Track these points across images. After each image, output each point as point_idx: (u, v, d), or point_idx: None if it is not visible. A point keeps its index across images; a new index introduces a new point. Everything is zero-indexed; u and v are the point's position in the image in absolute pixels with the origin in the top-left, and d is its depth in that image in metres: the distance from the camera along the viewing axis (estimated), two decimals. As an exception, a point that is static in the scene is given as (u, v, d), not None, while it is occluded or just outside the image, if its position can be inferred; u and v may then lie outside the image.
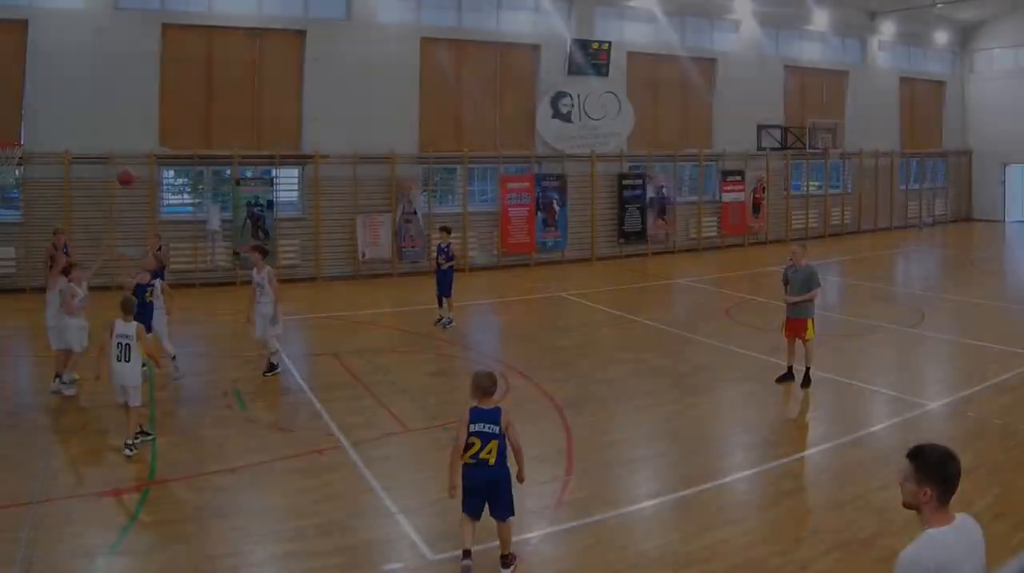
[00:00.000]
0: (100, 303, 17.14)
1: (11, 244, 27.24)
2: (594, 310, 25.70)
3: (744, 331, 22.19)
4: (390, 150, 31.90)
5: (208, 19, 29.84)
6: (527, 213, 34.63)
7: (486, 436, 9.27)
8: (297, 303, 26.73)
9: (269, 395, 16.69)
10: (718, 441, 14.20)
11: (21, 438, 13.84)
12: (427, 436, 14.07)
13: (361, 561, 9.83)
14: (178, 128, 29.56)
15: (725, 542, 10.13)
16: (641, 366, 18.73)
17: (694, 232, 39.44)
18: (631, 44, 37.68)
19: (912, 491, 5.29)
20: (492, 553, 9.66)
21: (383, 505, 11.26)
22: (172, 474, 12.34)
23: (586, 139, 36.22)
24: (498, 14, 34.99)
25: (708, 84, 40.06)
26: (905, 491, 5.36)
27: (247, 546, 10.21)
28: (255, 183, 30.49)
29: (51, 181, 27.46)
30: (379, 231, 31.87)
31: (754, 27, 40.98)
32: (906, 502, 5.41)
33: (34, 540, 10.02)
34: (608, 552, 10.00)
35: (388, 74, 32.20)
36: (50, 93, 27.42)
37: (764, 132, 41.05)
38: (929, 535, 5.21)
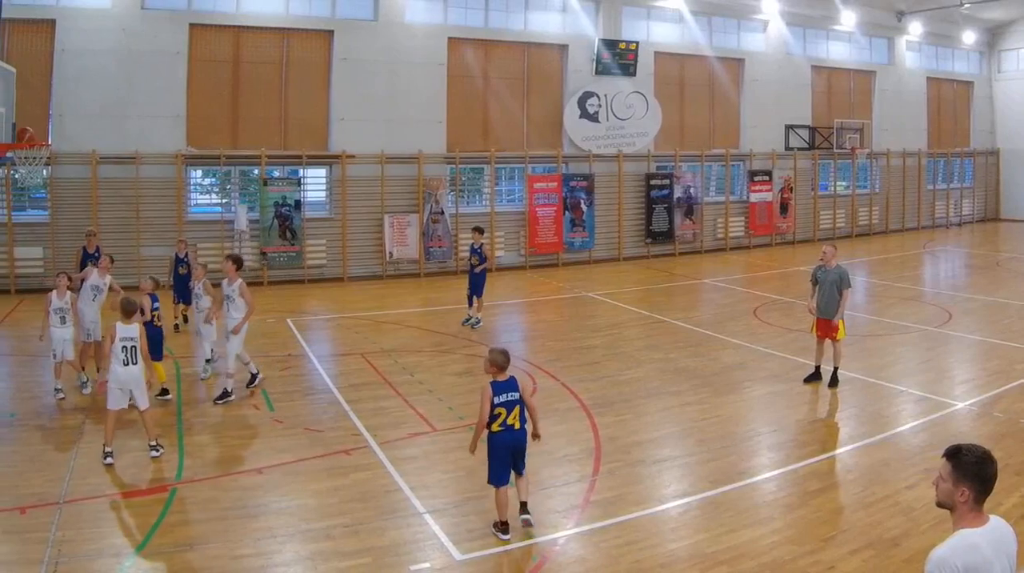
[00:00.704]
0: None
1: (39, 244, 26.69)
2: (621, 310, 25.10)
3: (771, 331, 21.72)
4: (418, 150, 31.24)
5: (236, 19, 29.23)
6: (554, 213, 33.86)
7: (510, 404, 10.08)
8: (324, 303, 26.59)
9: (296, 396, 16.30)
10: (745, 441, 13.84)
11: (49, 438, 13.63)
12: (454, 436, 13.75)
13: (388, 561, 9.64)
14: (205, 128, 28.97)
15: (752, 542, 9.95)
16: (668, 366, 18.34)
17: (721, 232, 38.58)
18: (658, 44, 36.87)
19: (948, 490, 5.20)
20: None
21: (410, 505, 11.06)
22: (199, 474, 12.12)
23: (613, 139, 35.43)
24: (526, 14, 34.20)
25: (735, 84, 39.18)
26: (941, 490, 5.27)
27: (274, 546, 10.03)
28: (283, 183, 29.85)
29: (78, 181, 26.94)
30: (406, 231, 31.16)
31: (781, 27, 39.99)
32: (940, 501, 5.31)
33: (61, 540, 9.89)
34: (636, 552, 9.80)
35: (416, 74, 31.57)
36: (77, 93, 26.93)
37: (792, 132, 40.29)
38: (962, 535, 5.12)
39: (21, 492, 11.21)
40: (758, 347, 19.81)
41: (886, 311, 24.15)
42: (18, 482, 11.60)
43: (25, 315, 23.42)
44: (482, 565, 9.54)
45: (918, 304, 25.44)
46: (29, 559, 9.41)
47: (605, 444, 13.36)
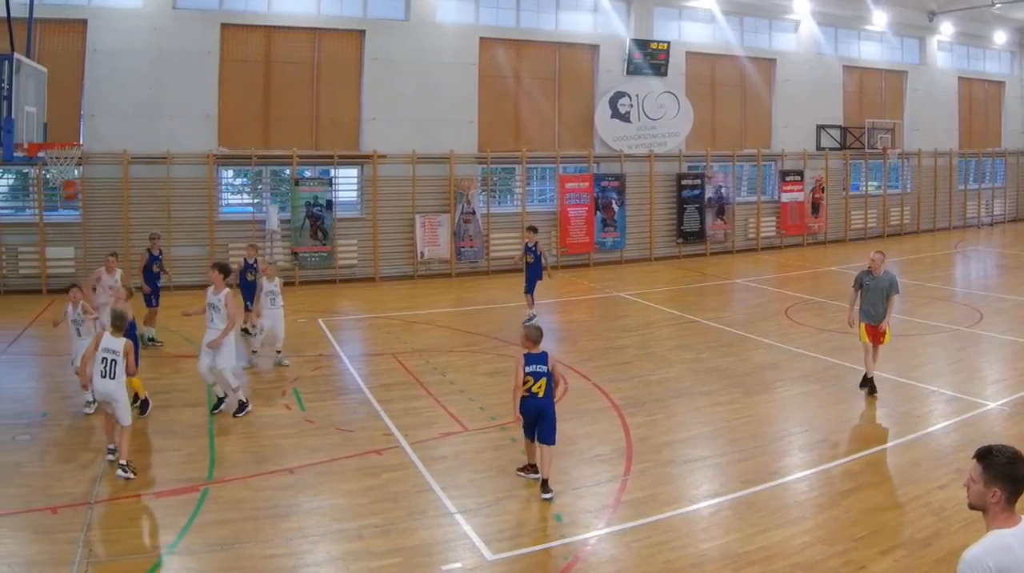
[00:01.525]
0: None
1: (70, 244, 26.02)
2: (653, 310, 24.40)
3: (803, 331, 21.17)
4: (449, 150, 30.37)
5: (267, 19, 28.43)
6: (586, 213, 32.90)
7: (538, 374, 11.05)
8: (356, 303, 25.98)
9: (328, 395, 15.95)
10: (777, 441, 13.50)
11: (80, 438, 13.34)
12: (485, 436, 13.53)
13: (419, 561, 9.48)
14: (237, 128, 28.17)
15: (784, 542, 9.74)
16: (700, 366, 17.90)
17: (752, 232, 37.37)
18: (689, 44, 35.72)
19: (979, 492, 5.09)
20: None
21: (441, 505, 10.86)
22: (231, 474, 11.88)
23: (645, 139, 34.37)
24: (557, 14, 33.15)
25: (767, 84, 37.94)
26: (972, 492, 5.16)
27: (305, 546, 9.83)
28: (314, 183, 29.10)
29: (110, 181, 26.24)
30: (438, 231, 30.28)
31: (813, 27, 38.67)
32: (972, 503, 5.20)
33: (92, 540, 9.75)
34: (667, 552, 9.60)
35: (447, 74, 30.68)
36: (109, 93, 26.24)
37: (823, 132, 39.09)
38: (995, 535, 5.00)
39: (53, 492, 11.00)
40: (789, 347, 19.33)
41: (917, 311, 23.36)
42: (50, 482, 11.37)
43: (56, 315, 22.78)
44: (513, 565, 9.37)
45: (949, 304, 24.70)
46: (60, 559, 9.22)
47: (636, 444, 13.06)
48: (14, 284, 25.64)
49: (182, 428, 13.62)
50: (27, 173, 26.58)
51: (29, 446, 12.84)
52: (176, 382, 16.56)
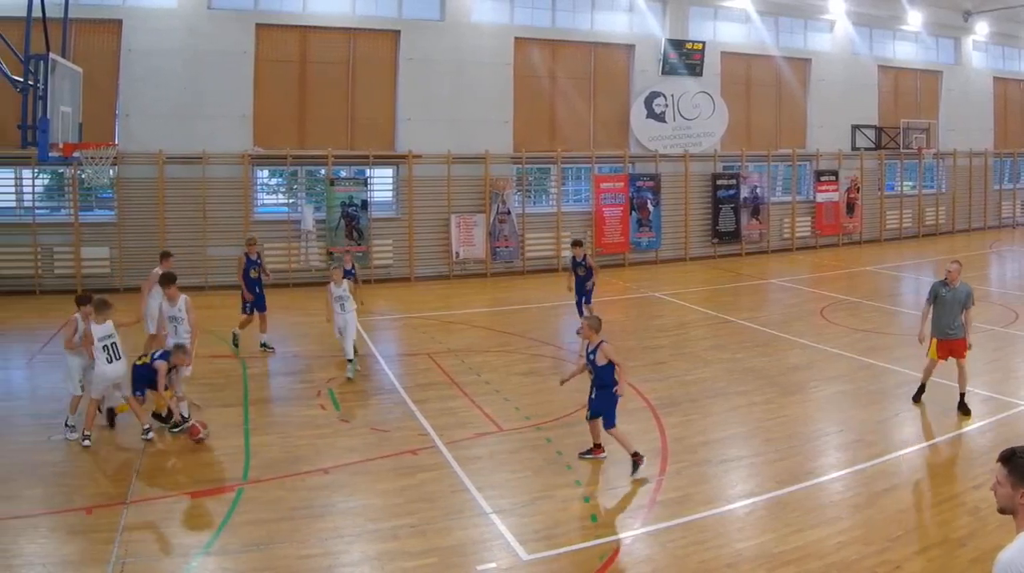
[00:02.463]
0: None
1: (106, 244, 25.08)
2: (688, 310, 23.62)
3: (838, 331, 20.47)
4: (484, 150, 29.18)
5: (302, 19, 27.39)
6: (621, 213, 31.57)
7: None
8: (391, 303, 25.06)
9: (363, 396, 15.59)
10: (812, 441, 13.13)
11: (116, 438, 13.03)
12: (520, 436, 13.16)
13: (454, 561, 9.23)
14: (272, 128, 27.15)
15: (819, 542, 9.48)
16: (735, 366, 17.35)
17: (788, 232, 35.86)
18: (725, 44, 34.31)
19: (1007, 495, 4.85)
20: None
21: (477, 505, 10.58)
22: (266, 474, 11.55)
23: (680, 139, 33.04)
24: (592, 14, 31.83)
25: (802, 84, 36.38)
26: (1000, 495, 4.90)
27: (341, 546, 9.62)
28: (349, 183, 28.02)
29: (145, 181, 25.32)
30: (473, 231, 29.12)
31: (848, 27, 37.08)
32: (1001, 507, 4.94)
33: (128, 540, 9.48)
34: (702, 552, 9.37)
35: (482, 74, 29.53)
36: (144, 93, 25.28)
37: (858, 132, 37.53)
38: None
39: (88, 492, 10.78)
40: (825, 347, 18.73)
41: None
42: (85, 482, 11.16)
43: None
44: (548, 565, 9.16)
45: (984, 304, 23.00)
46: (96, 559, 8.98)
47: (672, 444, 12.74)
48: (49, 284, 24.72)
49: (217, 428, 13.19)
50: (62, 173, 25.71)
51: (64, 446, 12.47)
52: (211, 382, 15.92)
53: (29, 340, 19.42)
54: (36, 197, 25.39)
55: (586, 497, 10.87)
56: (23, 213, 25.19)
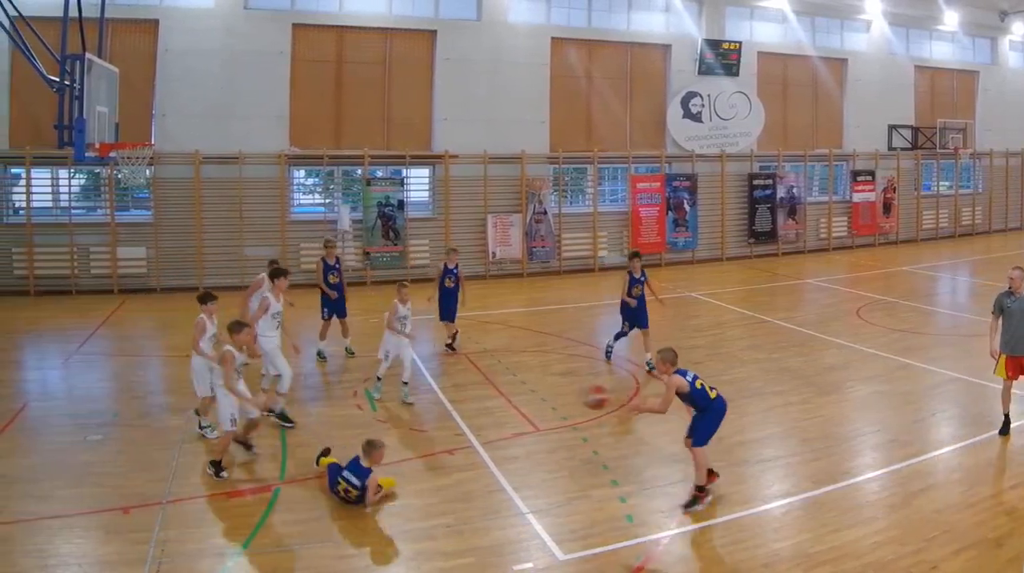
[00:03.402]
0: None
1: (142, 244, 24.02)
2: (724, 310, 22.65)
3: (875, 331, 19.58)
4: (520, 150, 27.80)
5: (339, 19, 26.21)
6: (657, 213, 30.12)
7: (697, 378, 10.29)
8: (426, 303, 23.62)
9: (400, 396, 14.51)
10: (848, 441, 12.60)
11: (152, 438, 12.47)
12: (557, 436, 12.69)
13: (491, 561, 8.95)
14: (308, 128, 25.98)
15: (855, 542, 9.16)
16: (771, 366, 16.66)
17: (824, 232, 34.19)
18: (761, 44, 32.71)
19: None
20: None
21: (513, 505, 10.24)
22: (302, 474, 11.19)
23: (716, 139, 31.52)
24: (629, 14, 30.35)
25: (838, 84, 34.65)
26: None
27: (378, 546, 9.37)
28: (385, 183, 26.76)
29: (181, 181, 24.22)
30: (509, 231, 27.80)
31: (884, 27, 35.29)
32: None
33: (164, 540, 9.19)
34: (739, 552, 9.10)
35: (518, 74, 28.18)
36: (180, 93, 24.19)
37: (895, 132, 35.62)
38: None
39: (124, 492, 10.36)
40: (861, 347, 17.91)
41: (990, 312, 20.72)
42: (121, 482, 10.70)
43: (128, 315, 21.82)
44: (585, 565, 8.83)
45: (1022, 304, 22.38)
46: (132, 559, 8.72)
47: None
48: (86, 284, 23.73)
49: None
50: (99, 173, 24.64)
51: (101, 446, 12.06)
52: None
53: (65, 340, 18.64)
54: (72, 197, 24.30)
55: (622, 497, 10.38)
56: (59, 213, 24.16)
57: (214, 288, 22.41)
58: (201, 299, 12.63)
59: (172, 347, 17.96)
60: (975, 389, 14.62)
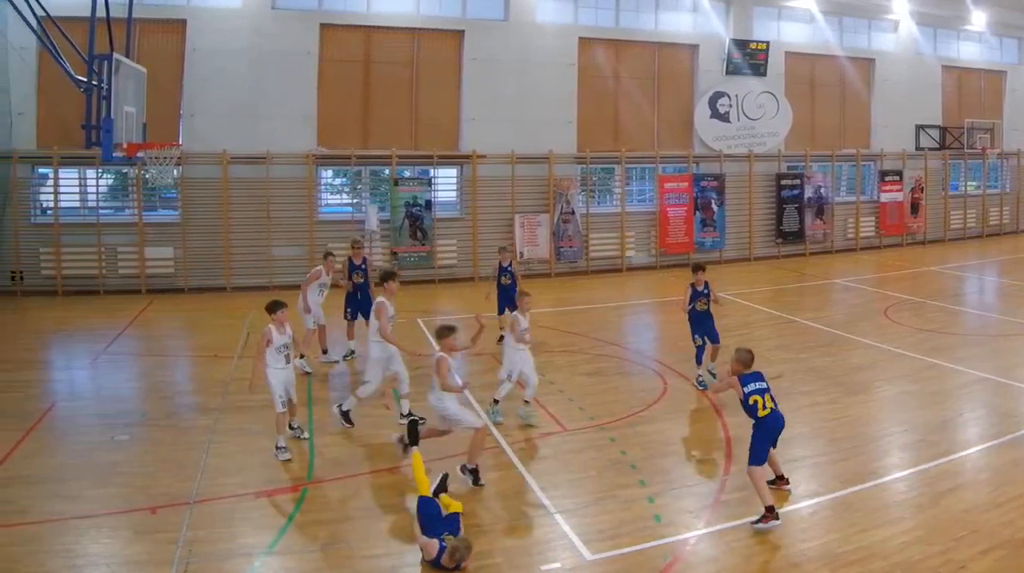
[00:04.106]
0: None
1: (170, 244, 23.15)
2: (752, 310, 21.70)
3: (902, 331, 18.83)
4: (548, 150, 26.72)
5: (366, 19, 25.24)
6: (685, 213, 28.92)
7: (763, 390, 9.56)
8: (455, 303, 23.32)
9: (427, 396, 13.24)
10: (876, 441, 12.13)
11: (179, 438, 12.08)
12: (584, 436, 12.22)
13: (519, 561, 8.65)
14: (336, 128, 25.01)
15: (883, 542, 8.81)
16: (799, 366, 15.95)
17: (852, 232, 32.83)
18: (789, 44, 31.41)
19: None
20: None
21: (541, 505, 9.90)
22: (330, 474, 10.83)
23: (744, 139, 30.31)
24: (656, 14, 29.17)
25: (866, 84, 33.27)
26: None
27: (405, 546, 8.92)
28: (413, 183, 25.67)
29: (209, 181, 23.34)
30: (537, 231, 26.69)
31: (912, 27, 33.87)
32: None
33: (192, 539, 8.89)
34: (766, 552, 8.76)
35: (546, 74, 27.09)
36: (208, 93, 23.34)
37: (922, 132, 34.24)
38: None
39: (152, 492, 10.05)
40: (889, 347, 17.22)
41: (1017, 311, 21.00)
42: (149, 482, 10.38)
43: (156, 315, 21.08)
44: (612, 565, 8.52)
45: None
46: (160, 559, 8.45)
47: (736, 444, 11.69)
48: (113, 284, 22.89)
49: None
50: (126, 173, 23.78)
51: (128, 446, 11.67)
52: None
53: (93, 340, 18.02)
54: (100, 197, 23.50)
55: (650, 497, 10.01)
56: (87, 213, 23.31)
57: (242, 289, 22.03)
58: (269, 308, 11.53)
59: (200, 347, 17.74)
60: (1003, 389, 14.20)
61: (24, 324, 20.11)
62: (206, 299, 22.64)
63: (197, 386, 14.97)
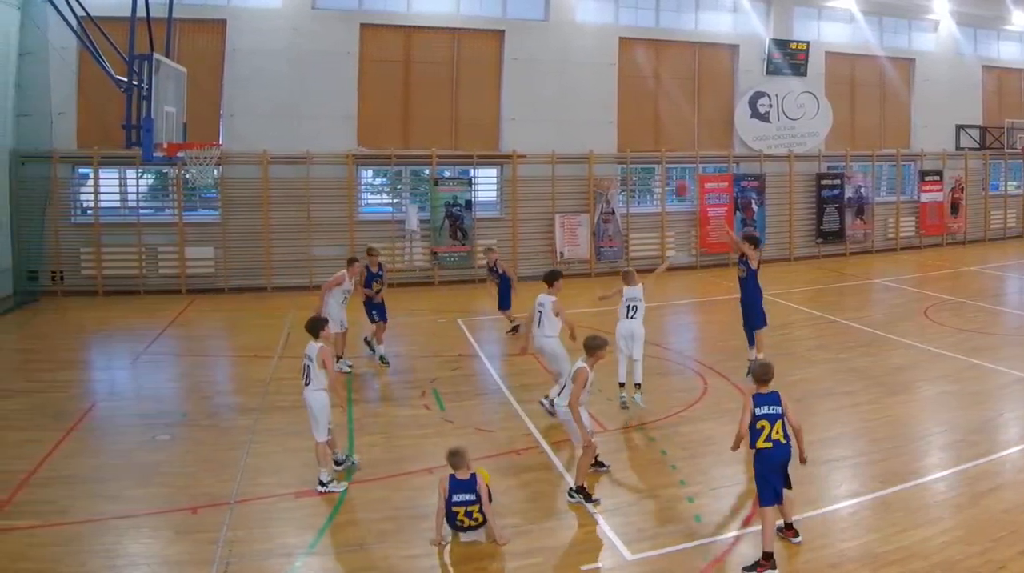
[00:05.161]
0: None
1: (210, 244, 21.81)
2: (792, 310, 20.43)
3: (943, 331, 17.85)
4: (588, 150, 25.07)
5: (407, 19, 23.72)
6: (725, 213, 27.13)
7: (773, 417, 8.00)
8: (494, 303, 21.49)
9: (467, 395, 13.67)
10: (916, 441, 11.50)
11: (220, 438, 11.51)
12: (624, 436, 11.68)
13: (559, 561, 8.16)
14: (376, 128, 23.51)
15: (923, 542, 8.24)
16: (839, 366, 15.20)
17: (892, 232, 30.78)
18: (829, 44, 29.44)
19: None
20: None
21: (581, 505, 9.25)
22: (369, 474, 10.24)
23: (784, 139, 28.39)
24: (696, 14, 27.37)
25: (906, 84, 31.16)
26: None
27: (445, 546, 8.32)
28: (453, 183, 24.19)
29: (249, 181, 22.00)
30: (577, 231, 25.05)
31: (952, 27, 31.71)
32: None
33: (232, 540, 8.38)
34: (806, 552, 8.14)
35: (586, 74, 25.41)
36: (248, 93, 21.99)
37: (962, 132, 32.14)
38: None
39: (193, 492, 9.56)
40: (929, 347, 16.32)
41: None
42: (190, 482, 9.88)
43: (196, 315, 19.97)
44: (653, 565, 8.00)
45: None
46: (200, 559, 7.99)
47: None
48: (153, 284, 21.59)
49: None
50: (166, 173, 22.47)
51: (169, 446, 11.15)
52: None
53: (133, 340, 17.10)
54: (140, 197, 22.24)
55: (690, 497, 9.50)
56: (127, 213, 22.02)
57: (282, 289, 20.93)
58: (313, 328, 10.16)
59: (240, 347, 17.23)
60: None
61: (64, 324, 19.10)
62: (246, 299, 21.41)
63: (237, 386, 14.42)
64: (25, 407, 12.61)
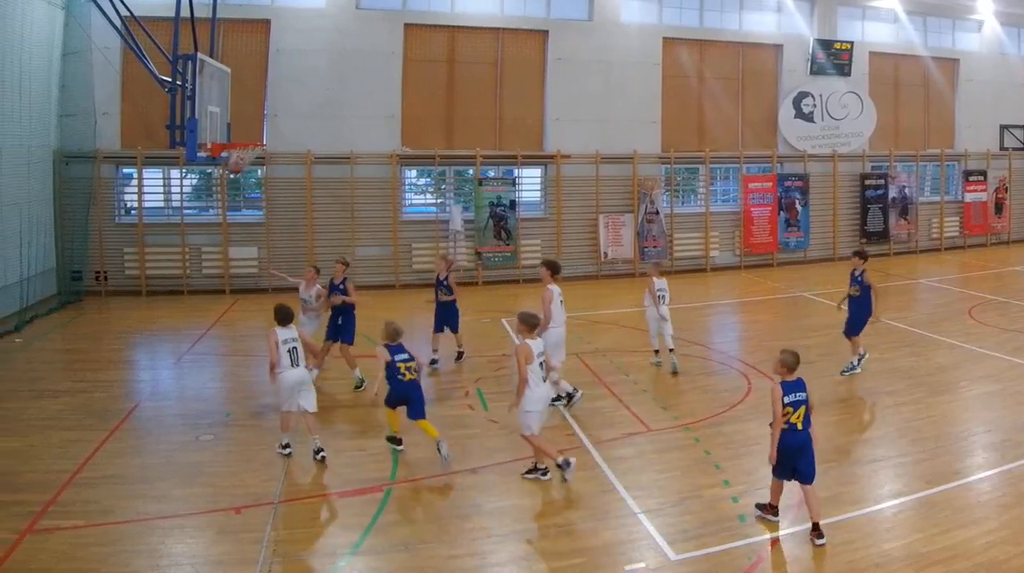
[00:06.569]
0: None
1: (254, 244, 20.09)
2: (836, 310, 18.30)
3: (987, 331, 16.59)
4: (632, 150, 23.01)
5: (450, 19, 21.82)
6: (769, 213, 24.91)
7: (797, 404, 7.66)
8: (535, 304, 20.15)
9: (510, 396, 11.48)
10: (960, 441, 10.48)
11: (263, 438, 10.59)
12: (668, 436, 10.66)
13: (602, 561, 7.45)
14: (420, 128, 21.65)
15: (967, 542, 7.49)
16: (883, 366, 13.93)
17: (936, 232, 28.25)
18: (873, 44, 26.96)
19: None
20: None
21: (624, 505, 8.53)
22: (413, 474, 9.48)
23: (828, 139, 26.02)
24: (740, 14, 25.10)
25: (950, 84, 28.54)
26: None
27: (488, 546, 7.76)
28: (497, 183, 22.32)
29: (293, 181, 20.23)
30: (621, 231, 23.01)
31: (996, 27, 29.00)
32: None
33: (276, 540, 7.75)
34: (850, 552, 7.41)
35: (630, 74, 23.32)
36: (292, 93, 20.25)
37: (1007, 132, 29.37)
38: None
39: (236, 492, 8.85)
40: (973, 347, 15.16)
41: None
42: (233, 482, 9.16)
43: (240, 315, 18.55)
44: (697, 565, 7.29)
45: None
46: (244, 559, 7.38)
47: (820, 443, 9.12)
48: (197, 284, 19.93)
49: (365, 428, 11.00)
50: (211, 173, 20.79)
51: (213, 446, 10.44)
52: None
53: (177, 340, 16.03)
54: (184, 197, 20.53)
55: (735, 497, 8.67)
56: (171, 213, 20.30)
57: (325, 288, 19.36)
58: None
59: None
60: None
61: (108, 324, 17.73)
62: (290, 299, 19.91)
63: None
64: (69, 407, 11.81)
